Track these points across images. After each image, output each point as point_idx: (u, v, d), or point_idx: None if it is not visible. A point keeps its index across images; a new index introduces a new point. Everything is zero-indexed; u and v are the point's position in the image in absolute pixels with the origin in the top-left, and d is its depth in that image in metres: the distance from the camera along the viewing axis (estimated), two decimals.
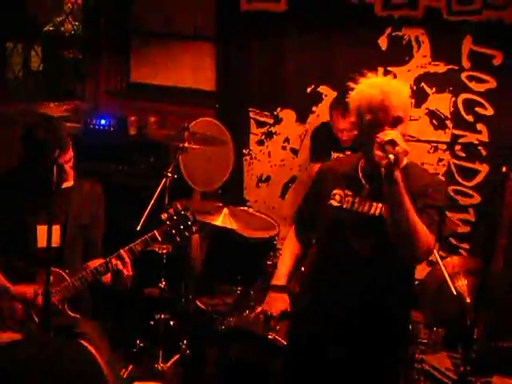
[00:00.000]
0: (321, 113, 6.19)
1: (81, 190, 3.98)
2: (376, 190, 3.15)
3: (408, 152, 2.87)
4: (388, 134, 2.86)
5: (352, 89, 3.16)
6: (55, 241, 3.76)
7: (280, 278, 3.63)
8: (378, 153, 2.85)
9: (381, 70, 5.85)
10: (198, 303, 5.31)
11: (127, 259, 3.72)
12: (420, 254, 3.04)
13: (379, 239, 3.15)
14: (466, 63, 5.70)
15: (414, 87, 5.86)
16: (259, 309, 3.79)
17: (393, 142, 2.82)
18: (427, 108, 5.86)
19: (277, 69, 6.32)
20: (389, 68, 5.89)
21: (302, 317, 3.53)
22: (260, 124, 6.49)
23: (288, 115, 6.39)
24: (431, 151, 5.85)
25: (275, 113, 6.41)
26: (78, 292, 3.77)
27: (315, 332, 3.40)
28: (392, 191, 2.89)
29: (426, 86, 5.85)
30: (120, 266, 3.70)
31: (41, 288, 3.44)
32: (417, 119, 5.87)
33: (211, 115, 6.34)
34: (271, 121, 6.45)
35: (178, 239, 3.83)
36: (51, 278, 3.30)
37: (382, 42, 5.92)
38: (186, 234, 3.84)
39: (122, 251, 3.73)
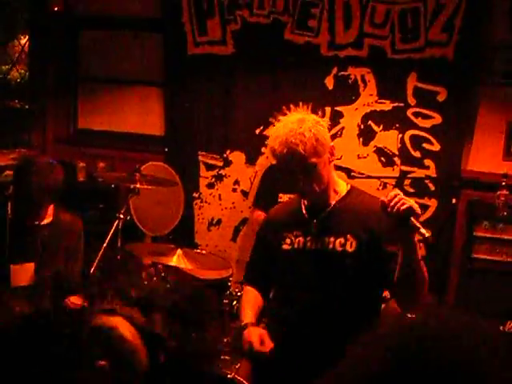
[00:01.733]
0: (270, 154, 6.11)
1: (59, 226, 3.90)
2: (324, 224, 3.16)
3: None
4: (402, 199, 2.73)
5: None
6: (28, 279, 3.69)
7: (248, 317, 3.36)
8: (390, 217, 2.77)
9: (328, 109, 5.96)
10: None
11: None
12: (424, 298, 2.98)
13: (340, 274, 3.10)
14: (411, 100, 5.81)
15: (362, 125, 5.97)
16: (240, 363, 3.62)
17: (409, 209, 2.71)
18: (375, 145, 5.94)
19: (225, 111, 6.35)
20: (336, 108, 5.98)
21: (267, 367, 3.30)
22: (209, 167, 6.49)
23: (237, 157, 6.39)
24: (380, 188, 5.83)
25: (224, 155, 6.41)
26: None
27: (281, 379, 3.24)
28: (409, 254, 2.82)
29: (373, 124, 5.95)
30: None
31: None
32: (365, 157, 5.96)
33: (160, 160, 6.37)
34: (221, 163, 6.44)
35: None
36: None
37: (329, 82, 6.02)
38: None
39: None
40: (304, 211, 3.25)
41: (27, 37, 7.17)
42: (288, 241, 3.26)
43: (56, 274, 3.89)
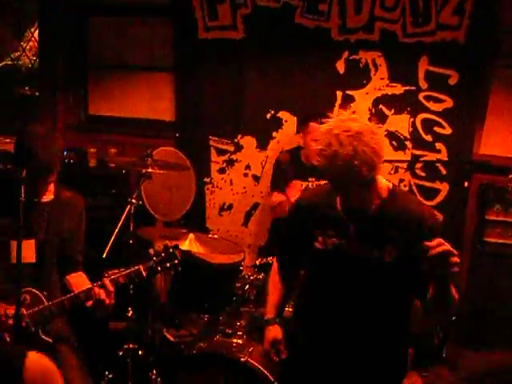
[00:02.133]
0: (281, 138, 6.21)
1: (61, 203, 3.87)
2: (362, 229, 3.00)
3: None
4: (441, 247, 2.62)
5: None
6: (30, 256, 3.66)
7: (269, 311, 3.48)
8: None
9: (339, 93, 5.97)
10: (166, 334, 5.22)
11: (111, 288, 3.58)
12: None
13: (375, 283, 3.02)
14: (422, 84, 5.78)
15: (373, 109, 5.95)
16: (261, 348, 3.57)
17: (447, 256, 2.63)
18: (386, 129, 5.89)
19: (236, 96, 6.32)
20: (347, 92, 5.97)
21: (295, 358, 3.37)
22: (221, 152, 6.48)
23: (249, 142, 6.38)
24: (392, 172, 5.89)
25: (236, 140, 6.40)
26: (54, 317, 3.63)
27: (310, 375, 3.25)
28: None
29: (384, 108, 5.93)
30: (103, 296, 3.55)
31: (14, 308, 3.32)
32: None
33: (171, 145, 6.33)
34: (232, 148, 6.44)
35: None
36: (28, 298, 3.20)
37: (340, 66, 5.99)
38: (172, 272, 3.80)
39: (106, 281, 3.59)
40: (340, 210, 3.03)
41: (36, 24, 7.14)
42: (320, 239, 3.10)
43: (60, 250, 3.87)
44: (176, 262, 3.77)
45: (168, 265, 3.74)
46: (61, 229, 3.84)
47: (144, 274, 3.66)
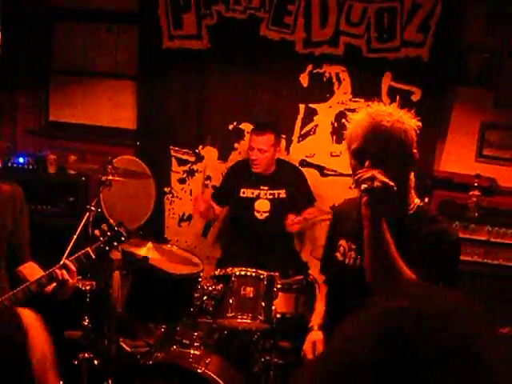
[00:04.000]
0: (243, 150, 6.18)
1: (2, 197, 3.79)
2: None
3: (393, 188, 2.50)
4: (369, 171, 2.51)
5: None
6: None
7: (315, 319, 3.34)
8: (360, 194, 2.55)
9: (302, 106, 5.97)
10: (122, 344, 5.13)
11: (73, 268, 3.56)
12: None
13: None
14: (385, 99, 5.70)
15: (335, 123, 5.94)
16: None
17: (370, 179, 2.48)
18: None
19: (198, 106, 6.30)
20: (310, 105, 5.97)
21: None
22: (181, 162, 6.44)
23: (210, 153, 6.35)
24: (353, 186, 5.63)
25: (197, 150, 6.36)
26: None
27: None
28: (372, 235, 2.55)
29: (347, 122, 5.77)
30: (66, 276, 3.53)
31: None
32: (338, 155, 5.95)
33: (132, 154, 6.31)
34: (193, 158, 6.40)
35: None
36: None
37: (304, 79, 5.99)
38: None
39: (66, 261, 3.57)
40: (362, 221, 2.66)
41: None
42: (342, 250, 2.95)
43: (8, 244, 3.81)
44: (123, 239, 3.79)
45: (116, 243, 3.76)
46: (5, 223, 3.77)
47: (93, 255, 3.65)
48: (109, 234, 3.76)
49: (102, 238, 3.72)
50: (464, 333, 0.93)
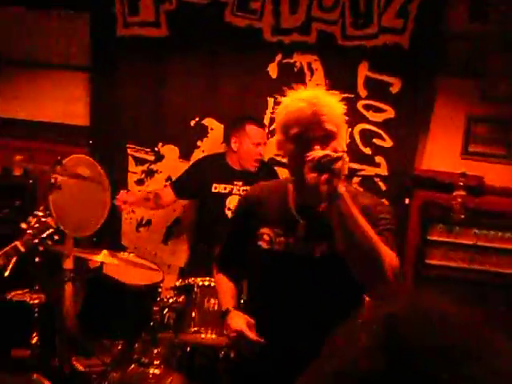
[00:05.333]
0: (207, 148, 5.88)
1: None
2: (313, 225, 2.85)
3: (347, 161, 2.60)
4: (320, 151, 2.57)
5: (279, 103, 2.89)
6: None
7: (224, 303, 3.17)
8: (312, 175, 2.54)
9: (271, 100, 5.70)
10: (75, 363, 4.94)
11: None
12: (387, 274, 2.63)
13: (323, 284, 2.85)
14: (362, 91, 5.61)
15: None
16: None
17: (328, 157, 2.52)
18: None
19: (157, 100, 5.95)
20: (280, 98, 5.57)
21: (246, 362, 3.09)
22: (139, 161, 6.05)
23: (170, 151, 6.00)
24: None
25: (156, 149, 6.01)
26: None
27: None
28: (340, 209, 2.56)
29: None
30: None
31: None
32: None
33: (84, 153, 5.80)
34: (152, 158, 6.03)
35: (42, 249, 3.81)
36: None
37: (272, 70, 5.72)
38: (49, 242, 3.81)
39: None
40: (292, 205, 2.91)
41: None
42: (266, 237, 2.94)
43: None
44: (52, 230, 3.84)
45: (45, 235, 3.80)
46: None
47: (22, 249, 3.71)
48: (36, 225, 3.81)
49: (29, 231, 3.76)
50: (459, 345, 0.94)
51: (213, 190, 5.48)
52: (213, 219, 5.48)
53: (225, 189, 5.45)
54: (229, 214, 5.41)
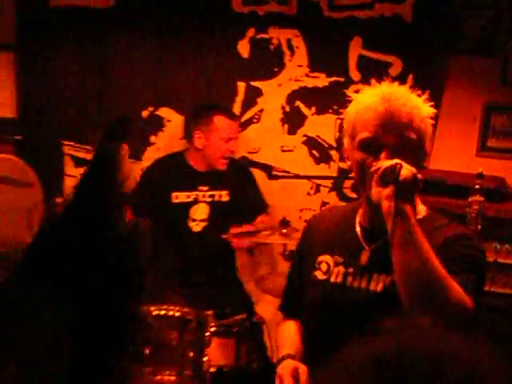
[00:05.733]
0: (162, 144, 5.29)
1: None
2: (380, 254, 2.53)
3: (420, 178, 2.36)
4: (387, 161, 2.35)
5: (350, 101, 2.56)
6: None
7: (286, 349, 2.83)
8: (376, 190, 2.33)
9: (242, 85, 5.24)
10: None
11: None
12: (453, 312, 2.26)
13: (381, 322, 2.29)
14: (354, 74, 5.09)
15: (287, 107, 5.23)
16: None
17: (395, 169, 2.27)
18: (305, 135, 5.20)
19: (101, 86, 5.35)
20: (252, 83, 5.24)
21: None
22: (79, 162, 5.40)
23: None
24: (312, 192, 5.21)
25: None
26: None
27: None
28: (397, 231, 2.30)
29: (302, 106, 5.22)
30: None
31: None
32: (291, 150, 5.29)
33: (10, 152, 5.29)
34: None
35: None
36: None
37: (243, 48, 5.20)
38: None
39: None
40: (358, 229, 2.66)
41: None
42: (324, 267, 2.72)
43: None
44: None
45: None
46: None
47: None
48: None
49: None
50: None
51: (173, 201, 4.93)
52: (173, 237, 4.97)
53: (188, 197, 4.94)
54: (193, 226, 4.95)
